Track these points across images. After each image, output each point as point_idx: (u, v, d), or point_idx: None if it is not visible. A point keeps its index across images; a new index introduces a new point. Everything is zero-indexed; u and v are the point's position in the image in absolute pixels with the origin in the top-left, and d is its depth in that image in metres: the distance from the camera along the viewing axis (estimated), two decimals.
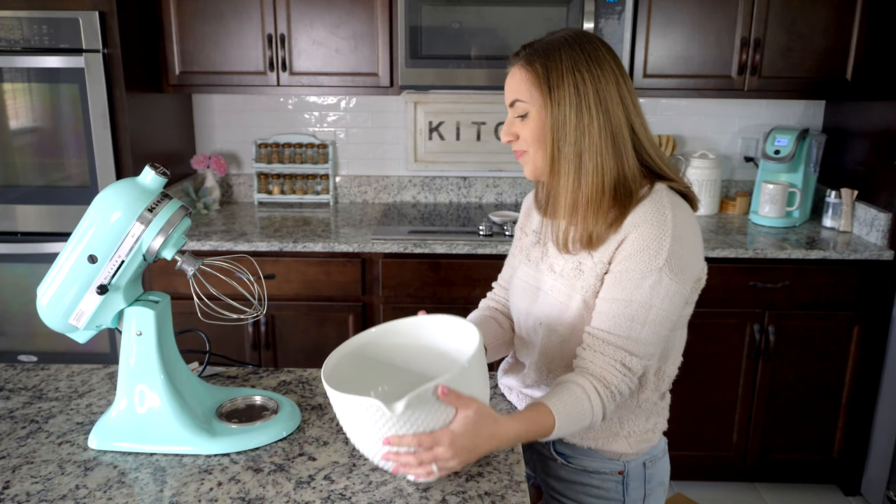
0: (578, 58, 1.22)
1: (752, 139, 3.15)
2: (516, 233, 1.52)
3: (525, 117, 1.26)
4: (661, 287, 1.20)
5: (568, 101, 1.21)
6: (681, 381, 2.77)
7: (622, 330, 1.21)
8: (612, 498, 1.36)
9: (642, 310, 1.20)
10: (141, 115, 2.68)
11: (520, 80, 1.26)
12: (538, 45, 1.27)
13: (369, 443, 1.09)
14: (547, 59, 1.23)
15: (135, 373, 1.27)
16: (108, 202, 1.19)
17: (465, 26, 2.61)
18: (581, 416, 1.19)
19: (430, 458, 1.08)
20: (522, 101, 1.26)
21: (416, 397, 1.03)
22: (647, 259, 1.20)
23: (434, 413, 1.07)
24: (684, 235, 1.22)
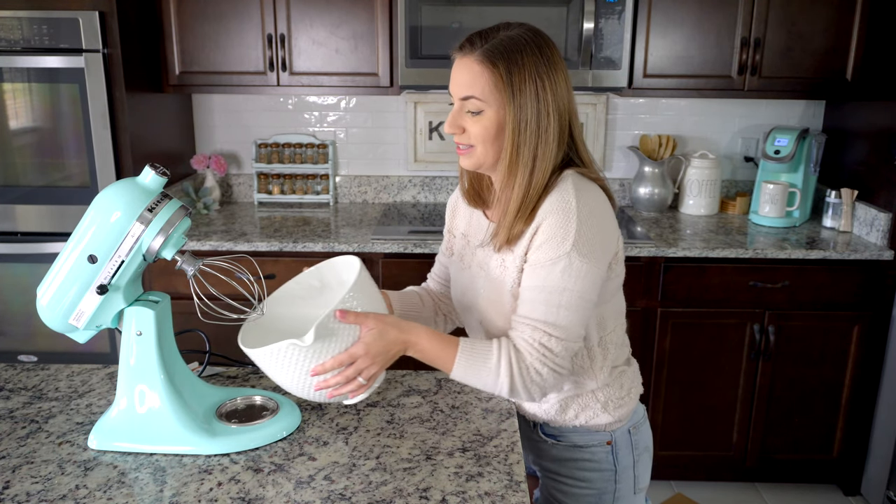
0: (539, 62, 1.23)
1: (752, 139, 3.15)
2: (445, 234, 1.56)
3: (477, 114, 1.26)
4: (572, 270, 1.23)
5: (530, 106, 1.23)
6: (681, 381, 2.79)
7: (539, 314, 1.24)
8: (605, 468, 1.43)
9: (556, 294, 1.23)
10: (141, 115, 2.68)
11: (478, 76, 1.25)
12: (497, 42, 1.25)
13: (299, 381, 1.21)
14: (510, 61, 1.23)
15: (135, 373, 1.27)
16: (108, 202, 1.19)
17: (465, 26, 2.61)
18: (484, 368, 1.25)
19: (353, 373, 1.21)
20: (478, 100, 1.25)
21: (320, 326, 1.16)
22: (556, 245, 1.23)
23: (342, 337, 1.20)
24: (590, 217, 1.24)
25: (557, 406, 1.40)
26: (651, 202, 3.04)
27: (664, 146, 3.07)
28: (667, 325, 2.64)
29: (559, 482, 1.46)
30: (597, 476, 1.43)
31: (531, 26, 1.29)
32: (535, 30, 1.28)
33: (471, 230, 1.46)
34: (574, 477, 1.44)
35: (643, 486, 1.49)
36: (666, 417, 2.73)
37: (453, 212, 1.54)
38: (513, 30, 1.26)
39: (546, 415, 1.42)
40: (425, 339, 1.26)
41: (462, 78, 1.27)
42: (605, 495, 1.44)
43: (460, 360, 1.26)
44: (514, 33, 1.26)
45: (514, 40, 1.24)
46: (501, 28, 1.28)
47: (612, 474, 1.43)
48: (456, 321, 1.64)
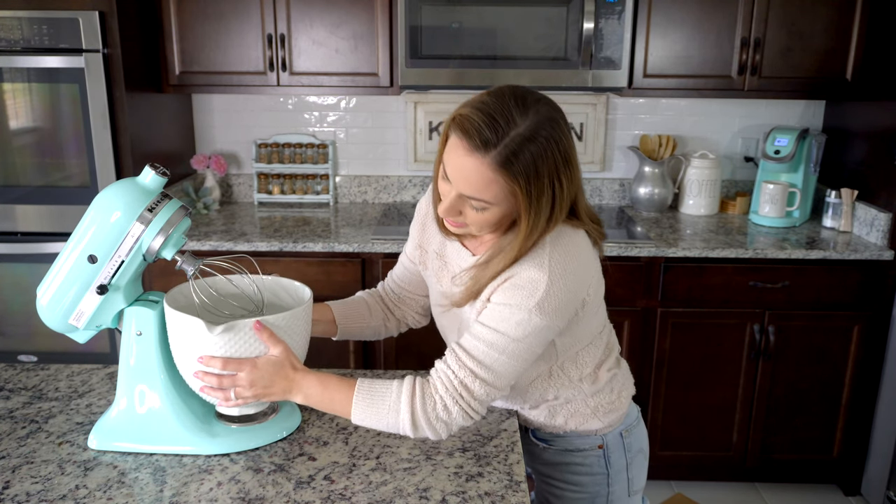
0: (557, 162, 1.14)
1: (752, 139, 3.15)
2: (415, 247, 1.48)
3: (481, 210, 1.18)
4: (529, 325, 1.18)
5: (545, 206, 1.16)
6: (681, 381, 2.79)
7: (478, 353, 1.20)
8: (597, 472, 1.42)
9: (504, 340, 1.19)
10: (141, 115, 2.68)
11: (491, 184, 1.13)
12: (515, 147, 1.11)
13: (187, 359, 1.22)
14: (529, 173, 1.12)
15: (135, 373, 1.27)
16: (108, 202, 1.19)
17: (465, 26, 2.61)
18: (383, 406, 1.20)
19: (229, 384, 1.21)
20: (487, 202, 1.16)
21: (233, 325, 1.18)
22: (521, 297, 1.18)
23: (247, 346, 1.20)
24: (562, 277, 1.19)
25: (546, 412, 1.39)
26: (651, 202, 3.04)
27: (664, 146, 3.07)
28: (667, 325, 2.64)
29: (553, 485, 1.45)
30: (589, 480, 1.42)
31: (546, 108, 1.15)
32: (551, 117, 1.14)
33: (447, 252, 1.39)
34: (567, 481, 1.43)
35: (638, 488, 1.48)
36: (666, 417, 2.73)
37: (423, 225, 1.46)
38: (529, 117, 1.12)
39: (536, 420, 1.41)
40: (315, 387, 1.22)
41: (472, 179, 1.14)
42: (598, 498, 1.43)
43: (356, 406, 1.21)
44: (532, 128, 1.12)
45: (532, 142, 1.11)
46: (515, 114, 1.12)
47: (604, 478, 1.42)
48: (414, 324, 1.60)
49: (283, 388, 1.22)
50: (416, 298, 1.58)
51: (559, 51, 2.62)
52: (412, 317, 1.60)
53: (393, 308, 1.59)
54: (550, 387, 1.36)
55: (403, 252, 1.55)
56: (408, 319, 1.60)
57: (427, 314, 1.61)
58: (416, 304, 1.59)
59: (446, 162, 1.18)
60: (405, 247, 1.54)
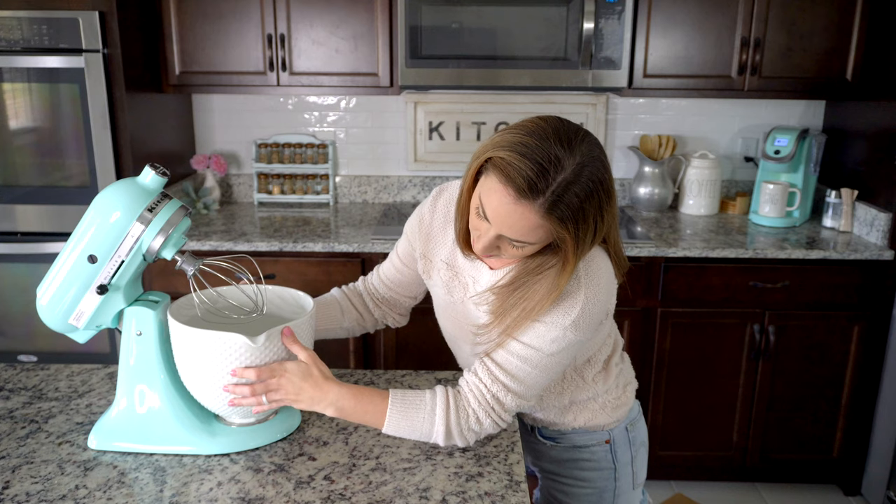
0: (602, 201, 1.12)
1: (752, 139, 3.15)
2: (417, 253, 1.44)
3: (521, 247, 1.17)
4: (563, 342, 1.21)
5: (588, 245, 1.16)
6: (681, 381, 2.79)
7: (511, 368, 1.23)
8: (604, 467, 1.44)
9: (537, 356, 1.22)
10: (141, 115, 2.68)
11: (537, 228, 1.11)
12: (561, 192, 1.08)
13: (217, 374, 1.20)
14: (578, 219, 1.10)
15: (135, 373, 1.27)
16: (108, 202, 1.19)
17: (465, 26, 2.61)
18: (417, 417, 1.23)
19: (262, 389, 1.21)
20: (532, 244, 1.15)
21: (273, 332, 1.20)
22: (557, 315, 1.20)
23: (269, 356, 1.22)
24: (597, 294, 1.21)
25: (557, 409, 1.40)
26: (651, 202, 3.04)
27: (664, 146, 3.07)
28: (667, 325, 2.64)
29: (559, 483, 1.46)
30: (597, 475, 1.43)
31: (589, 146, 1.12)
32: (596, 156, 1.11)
33: (458, 263, 1.35)
34: (574, 477, 1.44)
35: (641, 481, 1.50)
36: (666, 417, 2.73)
37: (427, 237, 1.40)
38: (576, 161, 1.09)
39: (546, 418, 1.42)
40: (348, 399, 1.22)
41: (518, 225, 1.11)
42: (606, 493, 1.44)
43: (391, 418, 1.22)
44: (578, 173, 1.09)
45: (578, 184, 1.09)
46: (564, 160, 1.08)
47: (611, 472, 1.44)
48: (392, 324, 1.57)
49: (312, 397, 1.22)
50: (402, 300, 1.55)
51: (559, 51, 2.62)
52: (392, 317, 1.57)
53: (373, 308, 1.55)
54: (566, 389, 1.37)
55: (394, 252, 1.50)
56: (387, 319, 1.57)
57: (407, 315, 1.59)
58: (400, 306, 1.56)
59: (486, 204, 1.13)
60: (397, 246, 1.49)
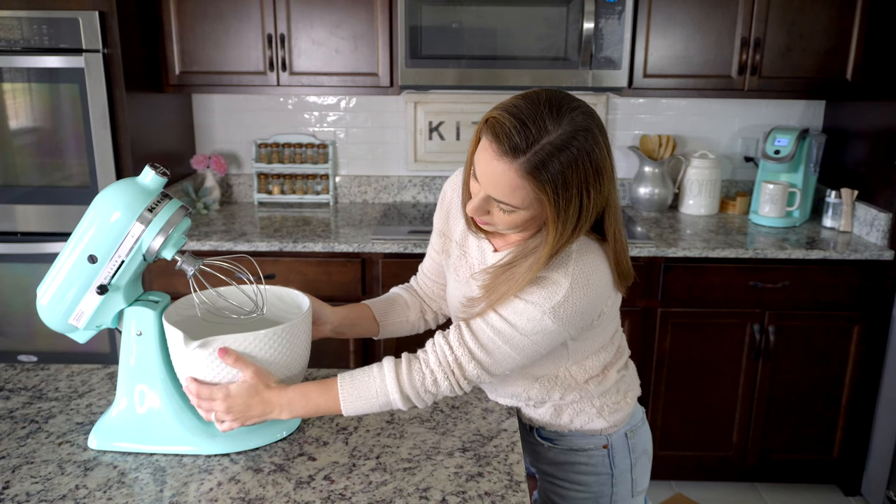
0: (588, 172, 1.11)
1: (752, 139, 3.15)
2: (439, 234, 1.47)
3: (509, 212, 1.17)
4: (539, 325, 1.20)
5: (571, 218, 1.14)
6: (681, 381, 2.79)
7: (483, 337, 1.22)
8: (601, 472, 1.42)
9: (511, 331, 1.21)
10: (141, 115, 2.68)
11: (518, 189, 1.12)
12: (545, 155, 1.08)
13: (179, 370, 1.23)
14: (557, 182, 1.10)
15: (135, 373, 1.27)
16: (108, 202, 1.19)
17: (465, 26, 2.61)
18: (370, 393, 1.23)
19: (207, 408, 1.22)
20: (514, 206, 1.15)
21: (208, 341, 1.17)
22: (540, 296, 1.19)
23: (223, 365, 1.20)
24: (584, 288, 1.19)
25: (552, 410, 1.39)
26: (651, 202, 3.04)
27: (664, 146, 3.07)
28: (667, 325, 2.64)
29: (556, 485, 1.45)
30: (593, 479, 1.42)
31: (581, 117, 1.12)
32: (584, 127, 1.11)
33: (468, 245, 1.39)
34: (570, 480, 1.43)
35: (641, 488, 1.48)
36: (666, 417, 2.73)
37: (447, 214, 1.45)
38: (563, 125, 1.09)
39: (541, 419, 1.41)
40: (297, 400, 1.23)
41: (500, 184, 1.12)
42: (602, 498, 1.43)
43: (344, 397, 1.23)
44: (563, 138, 1.09)
45: (562, 151, 1.09)
46: (548, 121, 1.09)
47: (608, 478, 1.42)
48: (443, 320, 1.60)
49: (262, 411, 1.23)
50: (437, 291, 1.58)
51: (559, 51, 2.62)
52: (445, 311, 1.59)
53: (429, 301, 1.58)
54: (556, 387, 1.36)
55: (430, 244, 1.54)
56: (445, 310, 1.59)
57: None
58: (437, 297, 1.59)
59: (476, 163, 1.16)
60: (431, 238, 1.53)
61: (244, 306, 1.38)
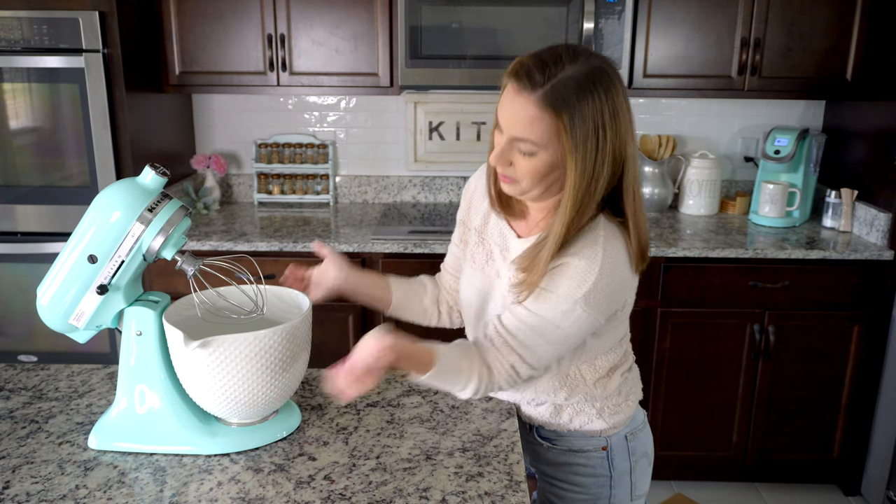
0: (604, 108, 1.15)
1: (752, 139, 3.15)
2: (459, 224, 1.52)
3: (530, 154, 1.19)
4: (572, 315, 1.22)
5: (589, 156, 1.16)
6: (681, 381, 2.79)
7: (523, 337, 1.24)
8: (600, 474, 1.42)
9: (549, 327, 1.23)
10: (141, 115, 2.68)
11: (538, 123, 1.15)
12: (561, 85, 1.14)
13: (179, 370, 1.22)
14: (574, 111, 1.14)
15: (135, 373, 1.27)
16: (108, 202, 1.19)
17: (465, 26, 2.61)
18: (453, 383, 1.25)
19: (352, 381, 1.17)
20: (533, 144, 1.17)
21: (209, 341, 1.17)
22: (570, 287, 1.21)
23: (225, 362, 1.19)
24: (612, 272, 1.22)
25: (552, 409, 1.39)
26: (651, 202, 3.04)
27: (664, 146, 3.07)
28: (667, 325, 2.64)
29: (554, 486, 1.45)
30: (591, 481, 1.42)
31: (598, 61, 1.18)
32: (601, 68, 1.17)
33: (488, 231, 1.40)
34: (569, 481, 1.43)
35: (641, 492, 1.47)
36: (666, 417, 2.73)
37: (469, 204, 1.48)
38: (579, 65, 1.15)
39: (541, 417, 1.41)
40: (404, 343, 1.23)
41: (519, 117, 1.17)
42: (600, 501, 1.43)
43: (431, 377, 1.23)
44: (580, 73, 1.14)
45: (579, 84, 1.14)
46: (566, 60, 1.15)
47: (606, 480, 1.42)
48: (455, 320, 1.59)
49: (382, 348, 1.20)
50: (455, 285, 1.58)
51: None
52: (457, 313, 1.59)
53: (447, 294, 1.58)
54: (564, 386, 1.36)
55: (452, 240, 1.55)
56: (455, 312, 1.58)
57: None
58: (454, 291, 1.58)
59: (499, 109, 1.21)
60: (453, 234, 1.55)
61: (244, 306, 1.38)
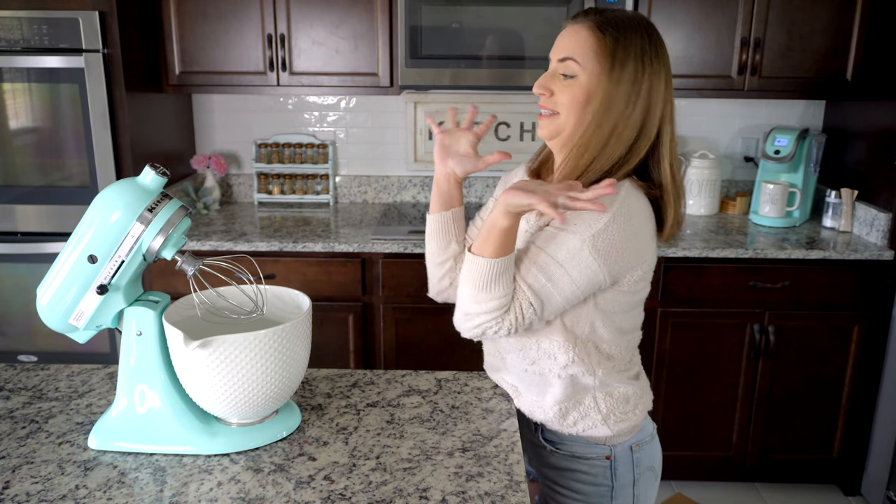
0: (646, 47, 1.22)
1: (752, 139, 3.15)
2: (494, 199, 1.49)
3: (570, 78, 1.24)
4: (579, 257, 1.19)
5: (624, 85, 1.21)
6: (681, 381, 2.79)
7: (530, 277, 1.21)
8: (601, 483, 1.39)
9: (555, 269, 1.20)
10: (141, 115, 2.68)
11: (583, 41, 1.23)
12: (611, 15, 1.24)
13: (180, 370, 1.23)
14: (619, 34, 1.22)
15: (135, 373, 1.27)
16: (108, 202, 1.19)
17: (465, 26, 2.61)
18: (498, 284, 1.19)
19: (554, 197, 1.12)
20: (577, 63, 1.23)
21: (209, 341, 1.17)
22: (579, 226, 1.20)
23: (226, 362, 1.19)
24: (625, 223, 1.21)
25: (557, 409, 1.36)
26: None
27: None
28: (667, 325, 2.64)
29: (555, 491, 1.43)
30: (592, 490, 1.39)
31: (646, 18, 1.29)
32: (652, 24, 1.28)
33: None
34: (569, 488, 1.40)
35: None
36: (666, 417, 2.73)
37: (505, 184, 1.50)
38: (629, 13, 1.27)
39: (544, 416, 1.38)
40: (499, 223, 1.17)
41: (565, 41, 1.26)
42: None
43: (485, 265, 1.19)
44: (629, 15, 1.26)
45: (629, 18, 1.24)
46: (618, 10, 1.28)
47: (608, 490, 1.39)
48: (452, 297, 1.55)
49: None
50: None
51: None
52: None
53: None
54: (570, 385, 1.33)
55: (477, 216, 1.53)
56: None
57: None
58: None
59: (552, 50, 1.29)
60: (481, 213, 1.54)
61: (244, 306, 1.38)
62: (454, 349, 2.65)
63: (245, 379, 1.21)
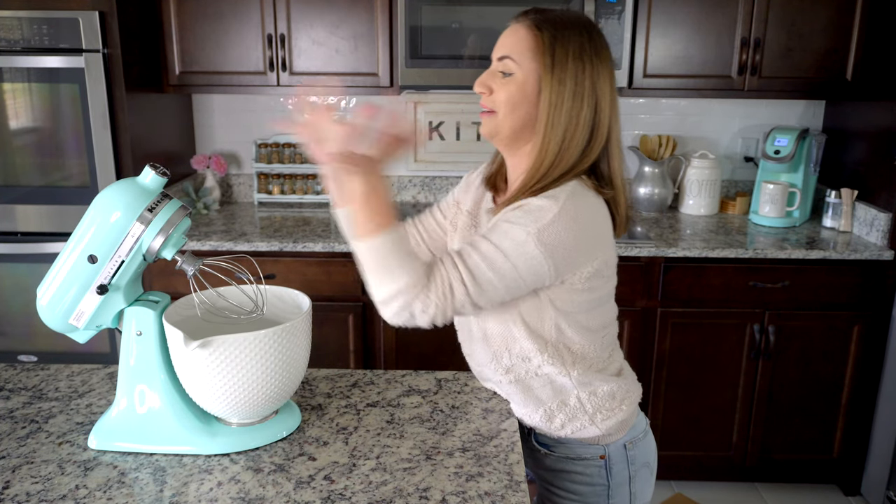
0: (585, 45, 1.23)
1: (752, 139, 3.15)
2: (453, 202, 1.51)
3: (508, 76, 1.26)
4: (524, 248, 1.18)
5: (568, 84, 1.22)
6: (681, 381, 2.79)
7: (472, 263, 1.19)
8: (597, 483, 1.38)
9: (498, 257, 1.19)
10: (141, 115, 2.68)
11: (521, 40, 1.25)
12: (550, 15, 1.25)
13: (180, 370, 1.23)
14: (557, 32, 1.22)
15: (135, 373, 1.27)
16: (108, 202, 1.19)
17: (465, 26, 2.61)
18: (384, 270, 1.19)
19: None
20: (513, 61, 1.25)
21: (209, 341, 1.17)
22: (526, 219, 1.19)
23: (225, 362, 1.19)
24: (572, 221, 1.20)
25: (542, 412, 1.36)
26: (651, 202, 3.04)
27: (664, 146, 3.07)
28: (667, 325, 2.64)
29: (552, 493, 1.42)
30: (589, 490, 1.38)
31: (588, 17, 1.29)
32: (590, 20, 1.29)
33: (480, 214, 1.43)
34: (566, 489, 1.40)
35: (643, 502, 1.43)
36: (666, 417, 2.73)
37: (466, 187, 1.51)
38: (570, 13, 1.28)
39: (532, 421, 1.38)
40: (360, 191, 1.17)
41: (505, 40, 1.28)
42: None
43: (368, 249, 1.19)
44: (570, 15, 1.27)
45: (570, 18, 1.25)
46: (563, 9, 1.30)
47: (604, 489, 1.38)
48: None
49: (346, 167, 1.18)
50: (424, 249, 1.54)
51: None
52: None
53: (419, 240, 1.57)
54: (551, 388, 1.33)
55: (436, 206, 1.55)
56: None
57: None
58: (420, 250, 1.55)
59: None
60: (441, 204, 1.55)
61: (244, 306, 1.38)
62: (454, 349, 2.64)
63: (245, 379, 1.21)
